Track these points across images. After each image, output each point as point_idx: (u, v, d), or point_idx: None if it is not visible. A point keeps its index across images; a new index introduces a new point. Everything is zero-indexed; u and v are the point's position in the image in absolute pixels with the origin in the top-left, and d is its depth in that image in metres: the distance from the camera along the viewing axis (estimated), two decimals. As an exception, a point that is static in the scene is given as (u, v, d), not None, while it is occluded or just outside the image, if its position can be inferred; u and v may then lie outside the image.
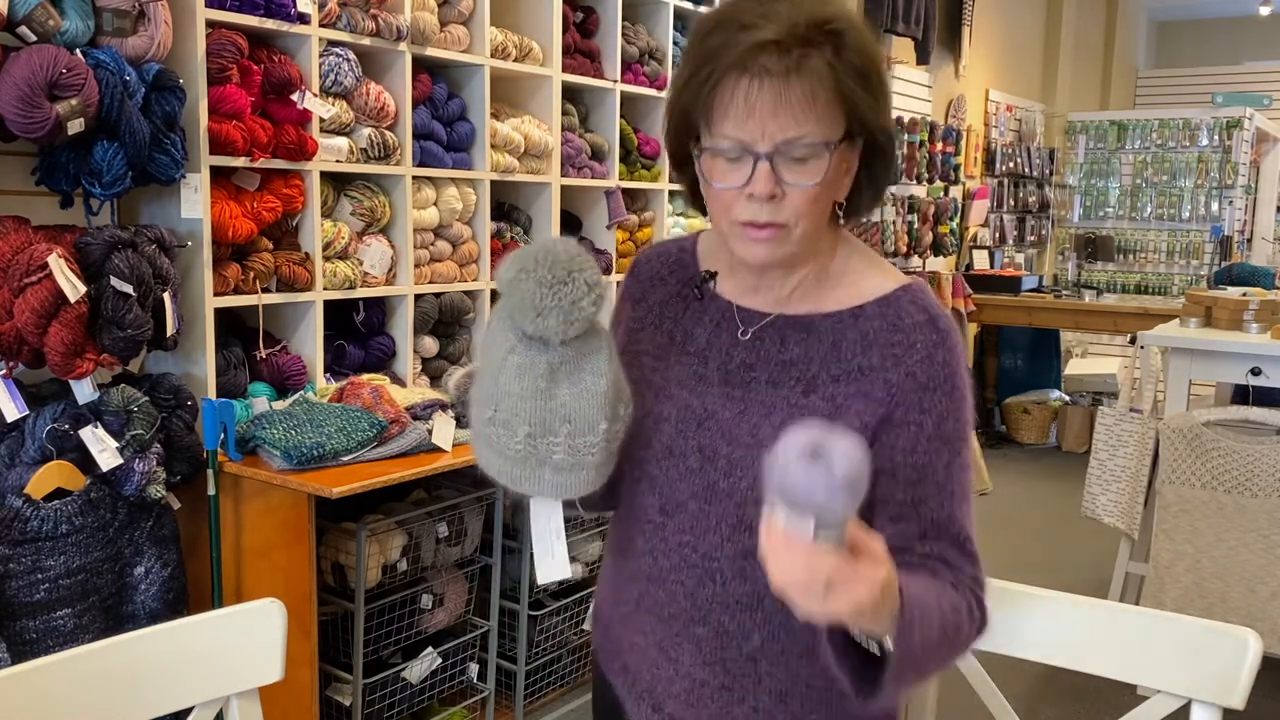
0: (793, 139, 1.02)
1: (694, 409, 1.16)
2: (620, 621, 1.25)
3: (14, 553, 2.03)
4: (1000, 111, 7.40)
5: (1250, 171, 8.37)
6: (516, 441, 1.07)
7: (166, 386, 2.29)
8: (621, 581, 1.24)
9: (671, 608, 1.17)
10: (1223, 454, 3.10)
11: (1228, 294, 3.91)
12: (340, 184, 2.81)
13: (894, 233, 5.49)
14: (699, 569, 1.15)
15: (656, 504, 1.17)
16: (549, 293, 1.02)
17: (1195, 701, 1.23)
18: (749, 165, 1.04)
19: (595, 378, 1.07)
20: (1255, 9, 8.73)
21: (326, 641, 2.47)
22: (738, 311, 1.19)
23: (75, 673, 1.15)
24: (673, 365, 1.20)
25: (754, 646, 1.15)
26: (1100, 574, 4.01)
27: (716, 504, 1.13)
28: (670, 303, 1.23)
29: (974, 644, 1.11)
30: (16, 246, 2.06)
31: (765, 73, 1.01)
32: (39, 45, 2.01)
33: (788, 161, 1.03)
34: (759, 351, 1.16)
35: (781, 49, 1.00)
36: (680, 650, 1.17)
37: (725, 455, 1.13)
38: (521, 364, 1.06)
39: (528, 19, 3.31)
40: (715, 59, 1.03)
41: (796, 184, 1.04)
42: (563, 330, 1.03)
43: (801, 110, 1.02)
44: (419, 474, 2.38)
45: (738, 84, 1.02)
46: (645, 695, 1.22)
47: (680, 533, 1.15)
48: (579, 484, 1.11)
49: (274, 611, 1.28)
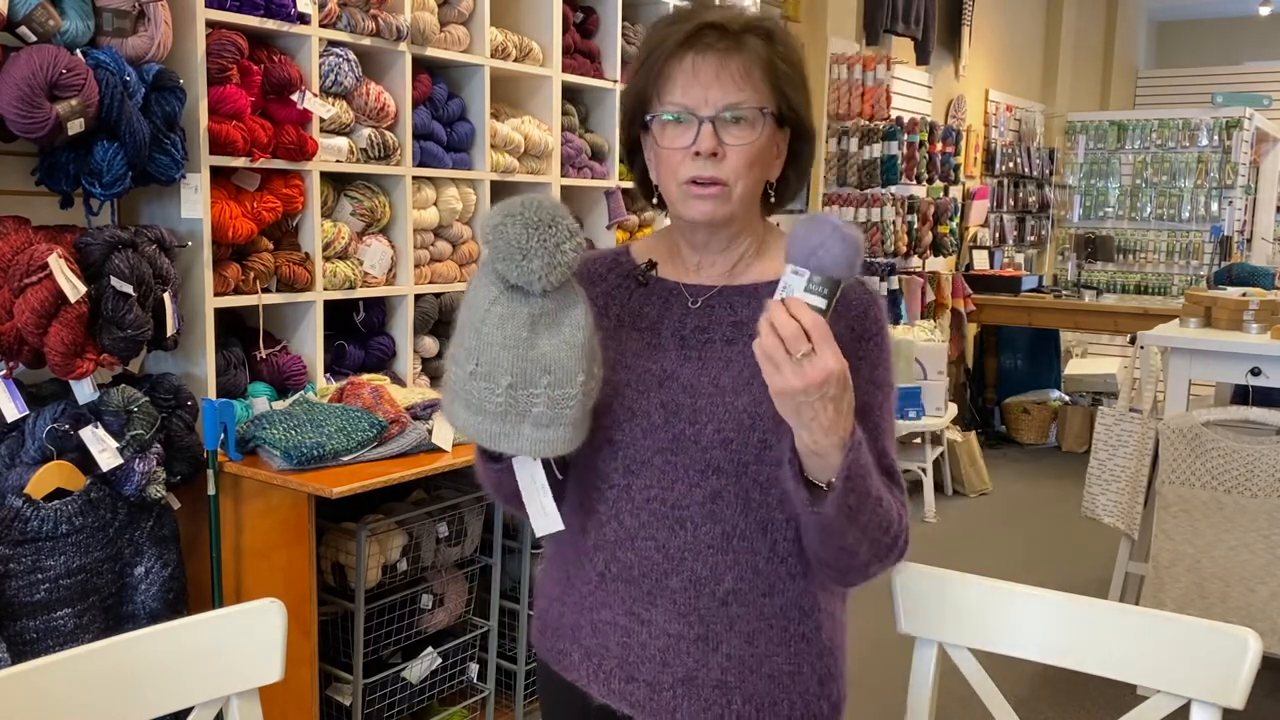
0: (732, 103, 1.17)
1: (653, 372, 1.24)
2: (576, 608, 1.29)
3: (14, 553, 2.03)
4: (1000, 111, 7.40)
5: (1250, 172, 8.37)
6: (498, 394, 1.11)
7: (166, 386, 2.29)
8: (579, 561, 1.28)
9: (642, 566, 1.23)
10: (1222, 454, 3.10)
11: (1227, 294, 3.91)
12: (340, 184, 2.81)
13: (894, 233, 5.49)
14: (669, 519, 1.21)
15: (620, 466, 1.23)
16: (534, 234, 1.09)
17: (1195, 701, 1.23)
18: (694, 127, 1.18)
19: (574, 330, 1.13)
20: (1255, 9, 8.73)
21: (326, 641, 2.47)
22: (685, 288, 1.29)
23: (75, 673, 1.15)
24: (625, 340, 1.28)
25: (726, 589, 1.21)
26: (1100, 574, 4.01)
27: (683, 453, 1.20)
28: (614, 294, 1.32)
29: (897, 553, 1.21)
30: (17, 246, 2.06)
31: (709, 47, 1.17)
32: (39, 45, 2.01)
33: (727, 124, 1.17)
34: (710, 316, 1.26)
35: (723, 30, 1.17)
36: (654, 609, 1.23)
37: (689, 406, 1.21)
38: (504, 314, 1.11)
39: (528, 19, 3.31)
40: (665, 42, 1.19)
41: (736, 143, 1.18)
42: (546, 275, 1.10)
43: (740, 79, 1.17)
44: (419, 474, 2.38)
45: (684, 58, 1.18)
46: (616, 670, 1.25)
47: (647, 488, 1.22)
48: (557, 440, 1.14)
49: (274, 611, 1.28)
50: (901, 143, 5.43)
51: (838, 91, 5.29)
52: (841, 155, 5.39)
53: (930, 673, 1.40)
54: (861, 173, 5.39)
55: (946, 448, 5.51)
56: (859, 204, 5.40)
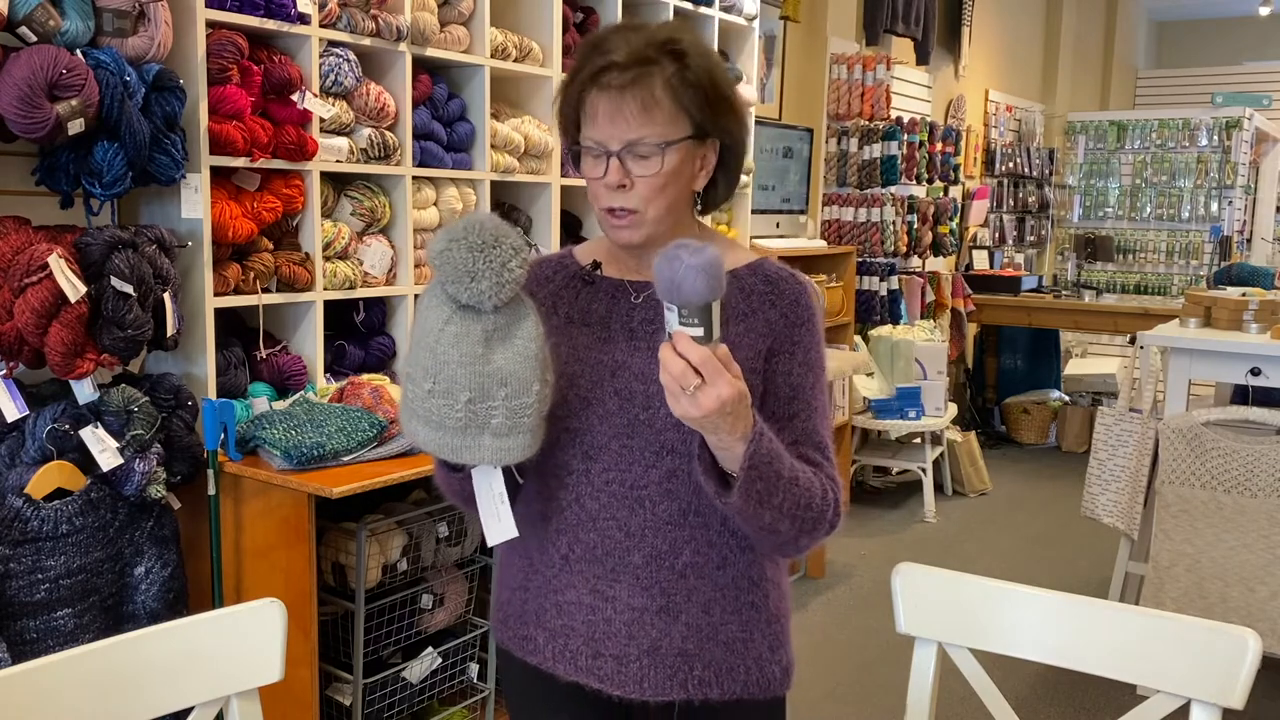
0: (634, 140, 1.24)
1: (604, 363, 1.31)
2: (540, 592, 1.36)
3: (14, 553, 2.03)
4: (1000, 112, 7.40)
5: (1250, 172, 8.37)
6: (457, 409, 1.16)
7: (167, 386, 2.29)
8: (542, 546, 1.35)
9: (605, 545, 1.30)
10: (1222, 454, 3.10)
11: (1227, 294, 3.91)
12: (340, 184, 2.81)
13: (894, 233, 5.49)
14: (628, 499, 1.29)
15: (579, 453, 1.31)
16: (480, 256, 1.14)
17: (1195, 701, 1.23)
18: (604, 161, 1.26)
19: (526, 341, 1.18)
20: (1255, 9, 8.73)
21: (326, 641, 2.47)
22: (630, 285, 1.36)
23: (75, 673, 1.15)
24: (576, 336, 1.34)
25: (684, 563, 1.30)
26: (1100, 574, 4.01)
27: (638, 437, 1.28)
28: (561, 294, 1.39)
29: (827, 525, 1.28)
30: (17, 246, 2.06)
31: (609, 87, 1.24)
32: (39, 45, 2.01)
33: (634, 158, 1.25)
34: (655, 309, 1.32)
35: (622, 68, 1.23)
36: (618, 585, 1.30)
37: (642, 392, 1.28)
38: (458, 332, 1.16)
39: (528, 19, 3.31)
40: (578, 75, 1.27)
41: (641, 175, 1.26)
42: (495, 293, 1.15)
43: (639, 116, 1.24)
44: (419, 474, 2.38)
45: (590, 94, 1.26)
46: (582, 648, 1.32)
47: (605, 471, 1.29)
48: (517, 448, 1.20)
49: (274, 611, 1.28)
50: (901, 143, 5.43)
51: (837, 91, 5.30)
52: (841, 155, 5.39)
53: (930, 673, 1.41)
54: (861, 173, 5.39)
55: (946, 448, 5.52)
56: (859, 204, 5.40)
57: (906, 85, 5.99)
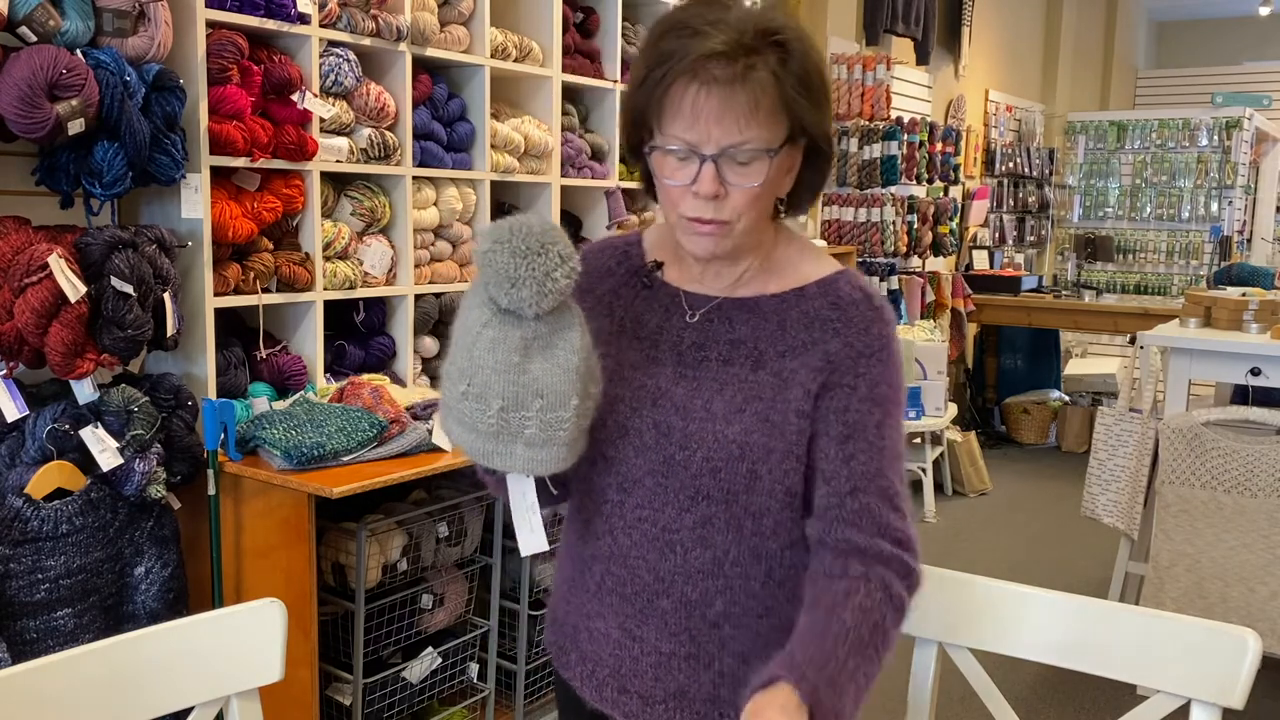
0: (736, 144, 1.09)
1: (647, 389, 1.21)
2: (577, 612, 1.29)
3: (14, 553, 2.03)
4: (1000, 112, 7.40)
5: (1250, 172, 8.37)
6: (489, 416, 1.10)
7: (167, 386, 2.29)
8: (581, 568, 1.27)
9: (634, 584, 1.21)
10: (1222, 454, 3.10)
11: (1227, 294, 3.91)
12: (340, 184, 2.81)
13: (894, 233, 5.49)
14: (659, 541, 1.19)
15: (614, 483, 1.21)
16: (523, 263, 1.05)
17: (1195, 701, 1.23)
18: (695, 165, 1.10)
19: (568, 354, 1.10)
20: (1255, 9, 8.73)
21: (326, 641, 2.47)
22: (685, 297, 1.25)
23: (75, 673, 1.15)
24: (624, 350, 1.24)
25: (717, 613, 1.19)
26: (1100, 574, 4.01)
27: (673, 477, 1.18)
28: (619, 292, 1.28)
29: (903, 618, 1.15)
30: (17, 246, 2.06)
31: (713, 80, 1.07)
32: (39, 45, 2.01)
33: (731, 164, 1.10)
34: (708, 332, 1.22)
35: (728, 59, 1.06)
36: (645, 626, 1.21)
37: (680, 429, 1.18)
38: (495, 338, 1.09)
39: (528, 19, 3.31)
40: (666, 63, 1.09)
41: (738, 185, 1.11)
42: (537, 302, 1.06)
43: (745, 118, 1.08)
44: (419, 474, 2.38)
45: (686, 89, 1.08)
46: (609, 680, 1.25)
47: (639, 508, 1.20)
48: (551, 460, 1.12)
49: (274, 611, 1.28)
50: (901, 143, 5.43)
51: (837, 92, 5.29)
52: (841, 155, 5.39)
53: (930, 673, 1.41)
54: (861, 173, 5.39)
55: (946, 448, 5.52)
56: (859, 204, 5.41)
57: (906, 85, 5.99)
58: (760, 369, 1.19)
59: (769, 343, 1.20)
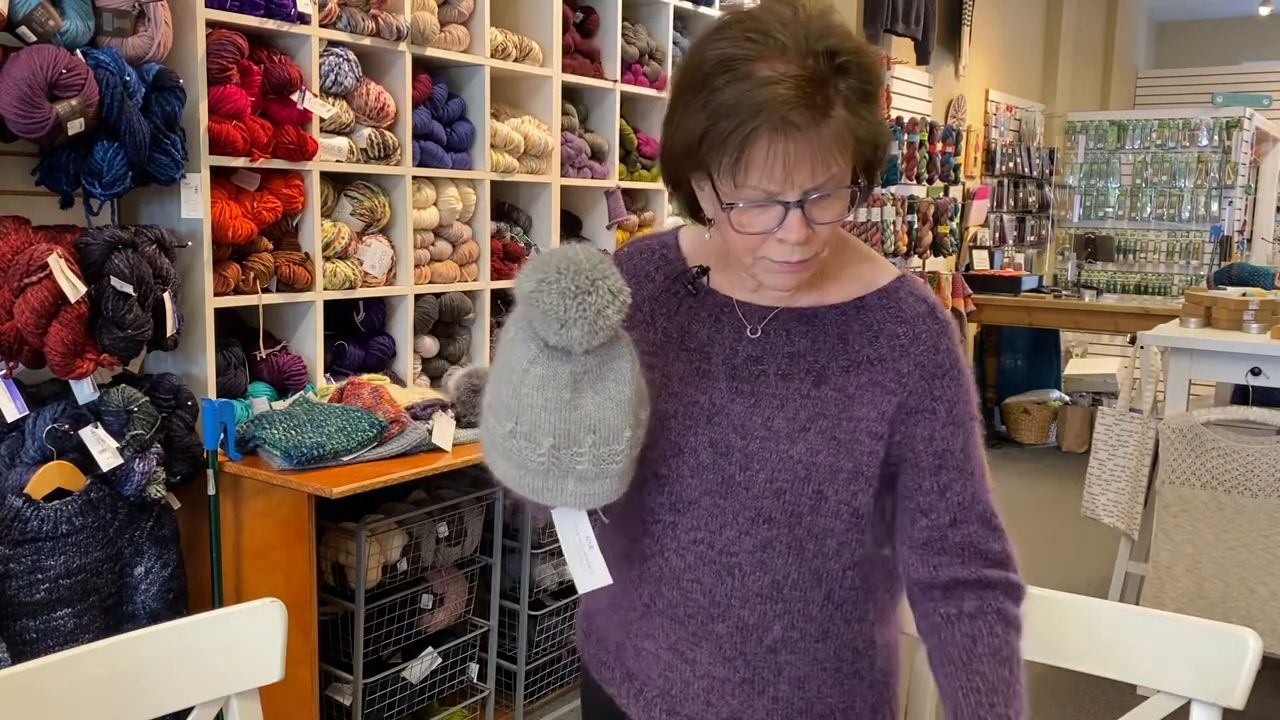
0: (821, 184, 1.04)
1: (701, 405, 1.15)
2: (621, 628, 1.24)
3: (14, 553, 2.03)
4: (1000, 111, 7.40)
5: (1250, 171, 8.37)
6: (540, 454, 1.05)
7: (166, 386, 2.29)
8: (626, 586, 1.22)
9: (688, 607, 1.17)
10: (1222, 454, 3.10)
11: (1227, 294, 3.91)
12: (340, 184, 2.81)
13: (894, 233, 5.49)
14: (716, 564, 1.14)
15: (666, 503, 1.16)
16: (574, 304, 0.99)
17: (1195, 701, 1.23)
18: (778, 212, 1.05)
19: (620, 385, 1.05)
20: (1255, 9, 8.73)
21: (326, 641, 2.47)
22: (739, 306, 1.19)
23: (75, 673, 1.15)
24: (672, 362, 1.19)
25: (774, 638, 1.16)
26: (1100, 574, 4.01)
27: (732, 498, 1.13)
28: (660, 299, 1.22)
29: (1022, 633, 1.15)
30: (16, 246, 2.06)
31: (793, 128, 1.00)
32: (39, 45, 2.01)
33: (813, 203, 1.05)
34: (765, 345, 1.17)
35: (805, 104, 1.00)
36: (698, 650, 1.17)
37: (740, 449, 1.13)
38: (544, 375, 1.03)
39: (528, 19, 3.31)
40: (733, 117, 1.01)
41: (824, 220, 1.07)
42: (587, 340, 1.01)
43: (826, 159, 1.03)
44: (419, 474, 2.38)
45: (765, 143, 1.01)
46: (658, 700, 1.21)
47: (694, 529, 1.15)
48: (603, 493, 1.08)
49: (274, 611, 1.28)
50: (901, 143, 5.42)
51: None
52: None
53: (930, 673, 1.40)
54: (861, 173, 5.39)
55: (946, 448, 5.51)
56: (859, 204, 5.40)
57: (906, 85, 5.99)
58: (823, 384, 1.14)
59: (830, 357, 1.15)
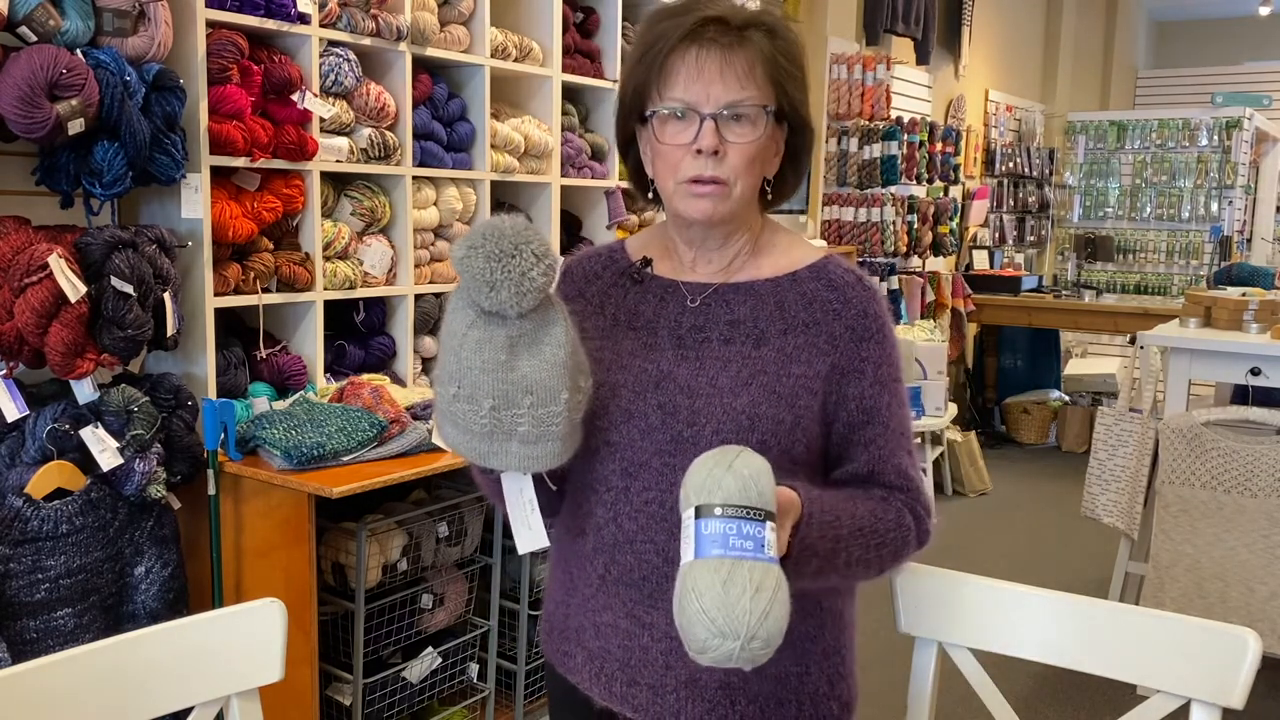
0: (735, 100, 1.17)
1: (649, 372, 1.24)
2: (580, 609, 1.28)
3: (14, 553, 2.03)
4: (1000, 112, 7.40)
5: (1250, 172, 8.37)
6: (481, 416, 1.12)
7: (167, 386, 2.29)
8: (581, 563, 1.28)
9: (642, 569, 1.22)
10: (1222, 454, 3.10)
11: (1227, 294, 3.91)
12: (340, 184, 2.81)
13: (894, 232, 5.49)
14: (668, 522, 1.19)
15: (618, 469, 1.23)
16: (499, 266, 1.08)
17: (1195, 701, 1.23)
18: (695, 124, 1.17)
19: (554, 348, 1.12)
20: (1255, 9, 8.73)
21: (326, 641, 2.47)
22: (683, 285, 1.29)
23: (75, 673, 1.15)
24: (621, 340, 1.27)
25: None
26: (1100, 574, 4.01)
27: (681, 454, 1.18)
28: (609, 292, 1.32)
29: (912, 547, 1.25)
30: (17, 246, 2.06)
31: (713, 43, 1.16)
32: (39, 45, 2.01)
33: (729, 121, 1.17)
34: (707, 315, 1.26)
35: (726, 25, 1.17)
36: (655, 612, 1.22)
37: (687, 407, 1.20)
38: (480, 339, 1.11)
39: (528, 19, 3.31)
40: (666, 36, 1.18)
41: (737, 141, 1.18)
42: (516, 302, 1.09)
43: (743, 76, 1.17)
44: (419, 474, 2.38)
45: (687, 52, 1.17)
46: (618, 673, 1.25)
47: (645, 490, 1.21)
48: (546, 456, 1.15)
49: (274, 611, 1.28)
50: (901, 143, 5.43)
51: (837, 91, 5.29)
52: (841, 155, 5.39)
53: (930, 673, 1.41)
54: (861, 173, 5.39)
55: (946, 448, 5.51)
56: (859, 204, 5.40)
57: (906, 85, 5.99)
58: (763, 345, 1.22)
59: (769, 322, 1.23)
